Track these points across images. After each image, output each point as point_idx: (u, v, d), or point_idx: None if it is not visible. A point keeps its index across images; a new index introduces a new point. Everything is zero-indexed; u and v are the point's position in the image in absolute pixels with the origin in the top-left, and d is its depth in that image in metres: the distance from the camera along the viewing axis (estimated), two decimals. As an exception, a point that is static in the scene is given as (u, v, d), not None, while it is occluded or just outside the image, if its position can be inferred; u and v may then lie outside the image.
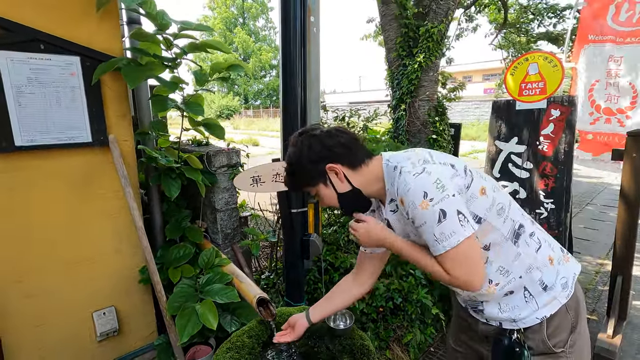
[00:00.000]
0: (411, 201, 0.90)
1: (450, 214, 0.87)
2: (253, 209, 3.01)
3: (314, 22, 2.34)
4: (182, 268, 1.81)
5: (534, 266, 1.00)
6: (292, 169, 1.06)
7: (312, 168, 1.03)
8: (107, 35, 1.61)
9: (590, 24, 2.76)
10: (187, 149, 2.24)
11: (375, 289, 2.39)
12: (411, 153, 1.01)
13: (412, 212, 0.91)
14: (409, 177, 0.92)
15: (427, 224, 0.89)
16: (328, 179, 1.04)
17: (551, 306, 1.00)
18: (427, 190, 0.88)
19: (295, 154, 1.04)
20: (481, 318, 1.12)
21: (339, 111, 3.15)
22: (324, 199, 1.08)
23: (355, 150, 1.04)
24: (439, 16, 3.01)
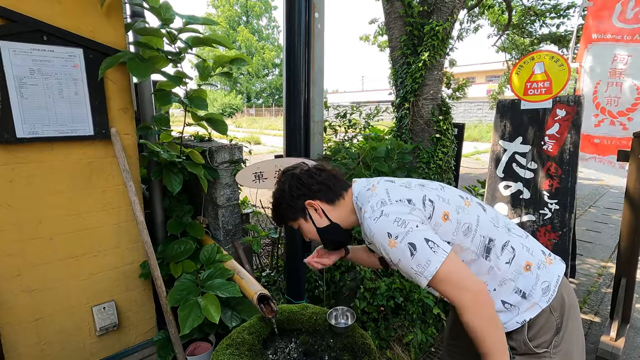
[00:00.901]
0: (380, 243, 0.94)
1: (419, 245, 0.89)
2: (255, 206, 3.00)
3: (318, 19, 2.33)
4: (184, 263, 1.80)
5: (506, 278, 1.01)
6: (276, 204, 1.15)
7: (292, 204, 1.11)
8: (111, 27, 1.59)
9: (595, 23, 2.74)
10: (189, 145, 2.23)
11: (377, 288, 2.38)
12: (372, 194, 1.03)
13: (385, 253, 0.94)
14: (370, 223, 0.96)
15: (402, 261, 0.92)
16: (308, 214, 1.12)
17: (532, 310, 1.00)
18: (390, 231, 0.92)
19: (279, 191, 1.13)
20: None
21: (341, 108, 3.13)
22: (306, 233, 1.15)
23: (333, 186, 1.11)
24: (444, 14, 2.98)
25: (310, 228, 1.13)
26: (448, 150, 3.15)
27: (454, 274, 0.89)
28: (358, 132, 3.24)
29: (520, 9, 6.66)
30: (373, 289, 2.39)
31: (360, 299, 2.37)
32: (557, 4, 6.27)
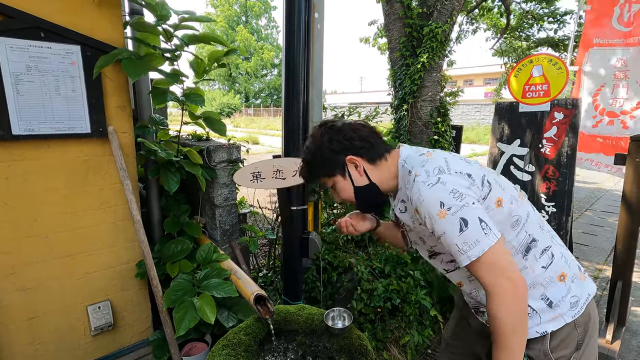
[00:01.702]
0: (427, 212, 0.87)
1: (472, 222, 0.83)
2: (252, 206, 2.99)
3: (318, 19, 2.32)
4: (180, 263, 1.79)
5: (537, 282, 0.97)
6: (311, 158, 1.05)
7: (331, 158, 1.02)
8: (109, 24, 1.58)
9: (594, 28, 2.75)
10: (187, 144, 2.22)
11: (374, 289, 2.38)
12: (427, 159, 0.96)
13: (430, 223, 0.88)
14: (422, 188, 0.88)
15: (447, 234, 0.85)
16: (347, 171, 1.03)
17: (555, 322, 0.96)
18: (444, 200, 0.85)
19: (316, 144, 1.03)
20: (481, 319, 1.12)
21: (338, 109, 3.13)
22: (340, 192, 1.06)
23: (375, 144, 1.03)
24: (443, 16, 2.99)
25: (347, 186, 1.04)
26: (446, 152, 3.16)
27: (499, 261, 0.84)
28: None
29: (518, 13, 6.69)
30: (370, 290, 2.38)
31: (358, 300, 2.36)
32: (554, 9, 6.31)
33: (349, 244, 2.80)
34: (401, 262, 2.54)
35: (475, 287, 1.05)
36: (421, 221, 0.93)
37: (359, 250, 2.78)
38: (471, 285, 1.06)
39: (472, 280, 1.04)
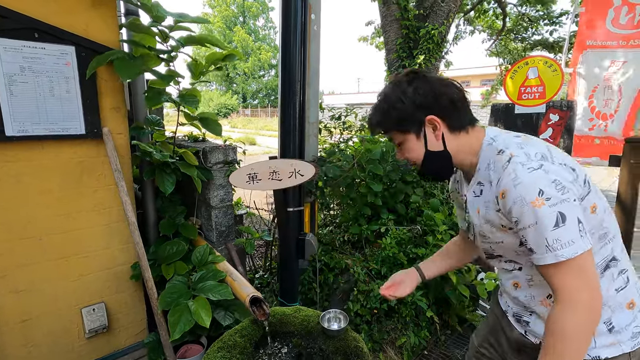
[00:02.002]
0: (520, 196, 0.77)
1: (571, 219, 0.74)
2: (248, 207, 2.98)
3: (314, 20, 2.33)
4: (175, 265, 1.78)
5: (606, 304, 0.89)
6: (388, 106, 0.92)
7: (411, 114, 0.90)
8: (104, 25, 1.58)
9: (588, 30, 2.77)
10: (183, 145, 2.21)
11: (370, 290, 2.38)
12: (525, 141, 0.86)
13: (518, 208, 0.78)
14: (520, 170, 0.78)
15: (539, 226, 0.76)
16: (422, 131, 0.91)
17: (611, 349, 0.88)
18: (544, 189, 0.75)
19: (398, 91, 0.90)
20: (520, 329, 1.04)
21: (336, 109, 3.13)
22: (407, 151, 0.96)
23: (462, 110, 0.91)
24: (439, 18, 3.00)
25: (418, 148, 0.93)
26: (442, 153, 3.16)
27: (588, 269, 0.75)
28: (353, 134, 3.24)
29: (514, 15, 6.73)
30: (367, 292, 2.38)
31: (354, 302, 2.36)
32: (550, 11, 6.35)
33: (346, 245, 2.80)
34: (397, 264, 2.54)
35: (533, 293, 0.95)
36: (500, 208, 0.83)
37: (356, 252, 2.78)
38: (529, 290, 0.96)
39: (532, 285, 0.95)
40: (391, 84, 0.93)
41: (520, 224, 0.79)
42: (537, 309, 0.96)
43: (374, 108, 0.97)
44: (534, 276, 0.93)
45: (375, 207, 2.87)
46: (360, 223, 2.83)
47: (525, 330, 1.03)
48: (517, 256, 0.94)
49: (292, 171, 1.95)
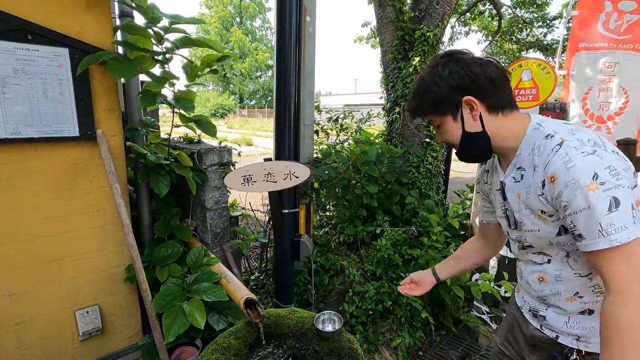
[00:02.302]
0: (573, 180, 0.75)
1: (625, 205, 0.73)
2: (244, 209, 2.98)
3: (309, 22, 2.34)
4: (170, 267, 1.78)
5: None
6: (424, 91, 0.91)
7: (447, 96, 0.89)
8: (98, 27, 1.57)
9: (581, 32, 2.80)
10: (178, 146, 2.21)
11: (366, 292, 2.39)
12: (576, 128, 0.85)
13: (570, 192, 0.76)
14: (574, 153, 0.77)
15: (592, 210, 0.74)
16: (459, 113, 0.90)
17: None
18: (599, 173, 0.74)
19: (433, 75, 0.90)
20: (536, 324, 1.05)
21: (333, 112, 3.14)
22: (445, 134, 0.95)
23: (501, 91, 0.89)
24: (434, 20, 3.02)
25: (455, 130, 0.92)
26: (438, 155, 3.18)
27: (639, 257, 0.73)
28: (350, 136, 3.25)
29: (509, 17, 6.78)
30: (362, 293, 2.39)
31: (349, 303, 2.37)
32: (544, 13, 6.40)
33: (341, 247, 2.81)
34: (392, 265, 2.55)
35: (560, 289, 0.95)
36: (545, 192, 0.83)
37: (351, 253, 2.78)
38: (555, 285, 0.95)
39: (559, 280, 0.94)
40: (428, 68, 0.93)
41: (570, 209, 0.78)
42: (561, 304, 0.96)
43: (411, 93, 0.97)
44: (563, 271, 0.93)
45: (371, 209, 2.89)
46: (356, 224, 2.84)
47: (541, 325, 1.05)
48: (550, 247, 0.93)
49: (287, 173, 1.96)
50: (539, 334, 1.05)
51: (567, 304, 0.95)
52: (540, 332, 1.05)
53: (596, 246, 0.75)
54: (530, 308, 1.07)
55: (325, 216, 3.26)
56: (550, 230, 0.88)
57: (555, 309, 0.99)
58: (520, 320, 1.13)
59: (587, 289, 0.91)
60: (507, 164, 0.96)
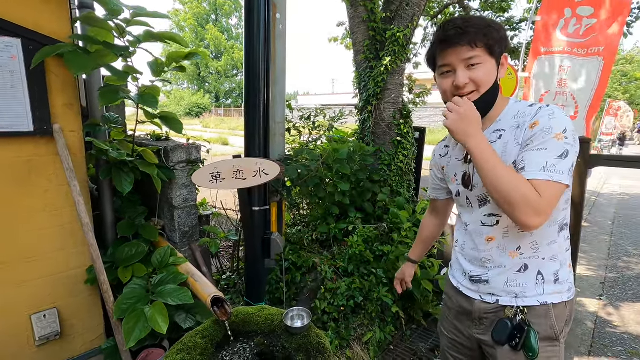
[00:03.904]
0: (550, 126, 0.92)
1: (570, 159, 0.92)
2: (215, 207, 2.94)
3: (280, 19, 2.33)
4: (134, 267, 1.72)
5: (558, 258, 1.06)
6: (487, 26, 0.96)
7: (501, 42, 0.99)
8: (55, 18, 1.50)
9: (542, 37, 2.94)
10: (144, 143, 2.15)
11: (337, 288, 2.40)
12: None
13: (540, 135, 0.93)
14: (558, 111, 0.95)
15: (548, 150, 0.91)
16: (499, 63, 1.03)
17: (554, 297, 1.05)
18: (568, 129, 0.92)
19: (494, 22, 1.00)
20: (478, 292, 1.14)
21: (305, 110, 3.15)
22: (482, 75, 0.99)
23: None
24: (404, 21, 3.08)
25: (492, 74, 1.00)
26: (409, 153, 3.24)
27: (556, 197, 0.91)
28: (322, 134, 3.27)
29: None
30: (334, 289, 2.41)
31: (321, 300, 2.38)
32: (510, 17, 6.66)
33: (314, 244, 2.82)
34: (364, 261, 2.58)
35: (505, 244, 1.07)
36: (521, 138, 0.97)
37: (324, 250, 2.80)
38: (502, 241, 1.08)
39: (506, 236, 1.07)
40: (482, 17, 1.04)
41: (531, 145, 0.94)
42: (503, 260, 1.07)
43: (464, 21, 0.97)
44: (509, 228, 1.06)
45: (343, 206, 2.91)
46: (329, 222, 2.85)
47: (481, 295, 1.13)
48: None
49: (257, 170, 1.95)
50: (481, 306, 1.13)
51: (509, 260, 1.07)
52: (482, 301, 1.12)
53: (534, 176, 0.91)
54: (472, 277, 1.15)
55: (299, 214, 3.26)
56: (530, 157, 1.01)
57: (496, 270, 1.09)
58: (460, 300, 1.20)
59: (527, 244, 1.05)
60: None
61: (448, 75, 1.02)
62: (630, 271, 3.98)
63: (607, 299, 3.35)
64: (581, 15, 2.93)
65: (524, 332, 1.03)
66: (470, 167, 1.12)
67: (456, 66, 0.99)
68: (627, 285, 3.63)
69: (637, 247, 4.72)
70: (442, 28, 0.99)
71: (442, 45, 0.99)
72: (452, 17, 1.09)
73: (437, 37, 1.00)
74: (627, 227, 5.61)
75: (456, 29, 0.95)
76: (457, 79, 0.99)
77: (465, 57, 0.96)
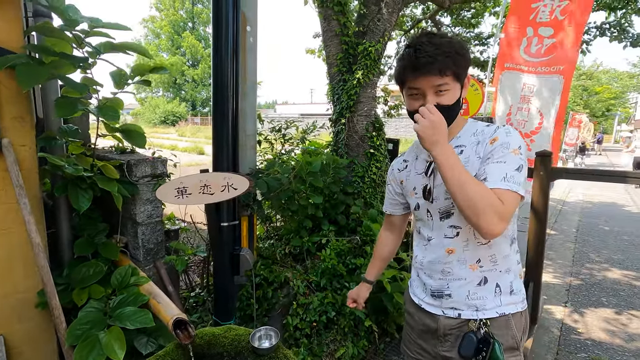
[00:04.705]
0: (507, 142, 1.02)
1: (524, 173, 1.02)
2: (184, 222, 2.84)
3: (250, 32, 2.32)
4: (90, 289, 1.63)
5: (512, 270, 1.13)
6: (456, 53, 1.02)
7: (467, 66, 1.07)
8: (5, 26, 1.42)
9: (506, 53, 3.08)
10: (106, 157, 2.06)
11: (310, 303, 2.37)
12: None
13: (499, 149, 1.02)
14: (513, 130, 1.06)
15: (507, 164, 1.00)
16: (462, 84, 1.08)
17: (511, 307, 1.11)
18: (522, 146, 1.03)
19: (461, 45, 1.05)
20: (441, 307, 1.15)
21: (275, 122, 3.13)
22: (448, 97, 1.04)
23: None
24: (376, 36, 3.14)
25: (455, 96, 1.06)
26: (381, 165, 3.28)
27: (513, 208, 0.99)
28: (295, 146, 3.25)
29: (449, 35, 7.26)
30: (306, 304, 2.37)
31: (293, 315, 2.34)
32: (480, 32, 6.95)
33: (287, 258, 2.77)
34: (337, 275, 2.56)
35: (466, 257, 1.11)
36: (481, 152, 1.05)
37: (297, 264, 2.76)
38: (462, 254, 1.12)
39: (466, 250, 1.11)
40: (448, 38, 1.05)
41: (492, 159, 1.02)
42: (463, 273, 1.11)
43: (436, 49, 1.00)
44: (469, 240, 1.10)
45: (317, 219, 2.89)
46: (302, 235, 2.82)
47: (443, 310, 1.14)
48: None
49: (225, 185, 1.90)
50: (445, 322, 1.14)
51: (469, 273, 1.10)
52: (446, 317, 1.14)
53: (496, 185, 0.98)
54: (434, 291, 1.17)
55: (271, 227, 3.21)
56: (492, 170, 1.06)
57: (456, 282, 1.12)
58: (423, 317, 1.21)
59: (487, 257, 1.10)
60: None
61: (417, 97, 1.07)
62: (593, 278, 4.15)
63: (572, 306, 3.47)
64: (542, 35, 3.08)
65: (489, 344, 1.04)
66: (431, 180, 1.16)
67: (426, 91, 1.04)
68: (590, 292, 3.78)
69: (599, 254, 4.95)
70: (414, 53, 1.02)
71: (412, 71, 1.03)
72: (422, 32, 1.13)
73: (409, 61, 1.03)
74: (590, 235, 5.88)
75: (427, 57, 1.00)
76: (427, 103, 1.04)
77: (435, 84, 1.02)
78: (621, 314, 3.33)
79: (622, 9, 5.01)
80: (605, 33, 5.40)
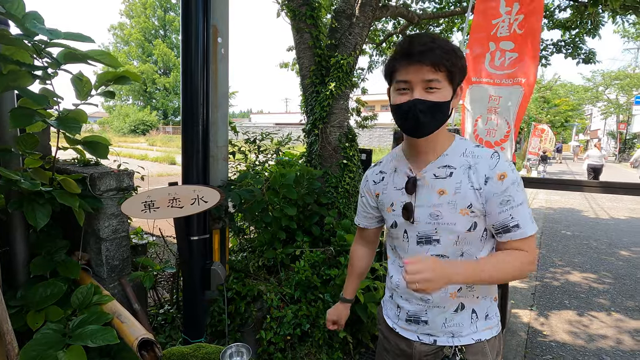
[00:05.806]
0: (515, 178, 0.99)
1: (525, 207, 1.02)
2: (153, 236, 2.75)
3: (222, 43, 2.31)
4: (47, 310, 1.53)
5: (488, 296, 1.12)
6: (454, 55, 0.96)
7: (462, 72, 1.01)
8: (-44, 34, 1.34)
9: (472, 67, 3.22)
10: (68, 170, 1.96)
11: (284, 316, 2.33)
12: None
13: (513, 188, 0.98)
14: (509, 160, 1.02)
15: (523, 204, 0.99)
16: (455, 91, 1.01)
17: (487, 333, 1.10)
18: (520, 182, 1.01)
19: (458, 51, 0.98)
20: (416, 333, 1.12)
21: (250, 132, 3.11)
22: (437, 95, 0.96)
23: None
24: (347, 49, 3.21)
25: (447, 97, 0.97)
26: (355, 176, 3.31)
27: (535, 245, 1.02)
28: (269, 158, 3.24)
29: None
30: (280, 318, 2.34)
31: (267, 330, 2.29)
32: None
33: (261, 271, 2.73)
34: (311, 286, 2.55)
35: (447, 287, 1.06)
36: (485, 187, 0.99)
37: (271, 277, 2.72)
38: None
39: None
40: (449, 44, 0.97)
41: (513, 202, 0.98)
42: (443, 302, 1.07)
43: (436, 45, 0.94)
44: None
45: (291, 230, 2.87)
46: (276, 247, 2.79)
47: (418, 335, 1.12)
48: (453, 246, 1.04)
49: (195, 198, 1.86)
50: (421, 348, 1.12)
51: (449, 301, 1.07)
52: (421, 342, 1.11)
53: (529, 232, 0.99)
54: (410, 316, 1.13)
55: (245, 240, 3.16)
56: (464, 224, 1.02)
57: (435, 310, 1.09)
58: (398, 341, 1.18)
59: (465, 285, 1.06)
60: (423, 162, 1.07)
61: (404, 93, 0.97)
62: (556, 281, 4.35)
63: (537, 309, 3.62)
64: (504, 49, 3.26)
65: None
66: (413, 198, 1.07)
67: (415, 85, 0.95)
68: (554, 295, 3.96)
69: (561, 259, 5.20)
70: (408, 42, 0.95)
71: (405, 59, 0.95)
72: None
73: (402, 49, 0.95)
74: (553, 240, 6.18)
75: (422, 45, 0.92)
76: (412, 98, 0.96)
77: (426, 77, 0.93)
78: (582, 315, 3.50)
79: (575, 28, 5.39)
80: (561, 50, 5.78)
